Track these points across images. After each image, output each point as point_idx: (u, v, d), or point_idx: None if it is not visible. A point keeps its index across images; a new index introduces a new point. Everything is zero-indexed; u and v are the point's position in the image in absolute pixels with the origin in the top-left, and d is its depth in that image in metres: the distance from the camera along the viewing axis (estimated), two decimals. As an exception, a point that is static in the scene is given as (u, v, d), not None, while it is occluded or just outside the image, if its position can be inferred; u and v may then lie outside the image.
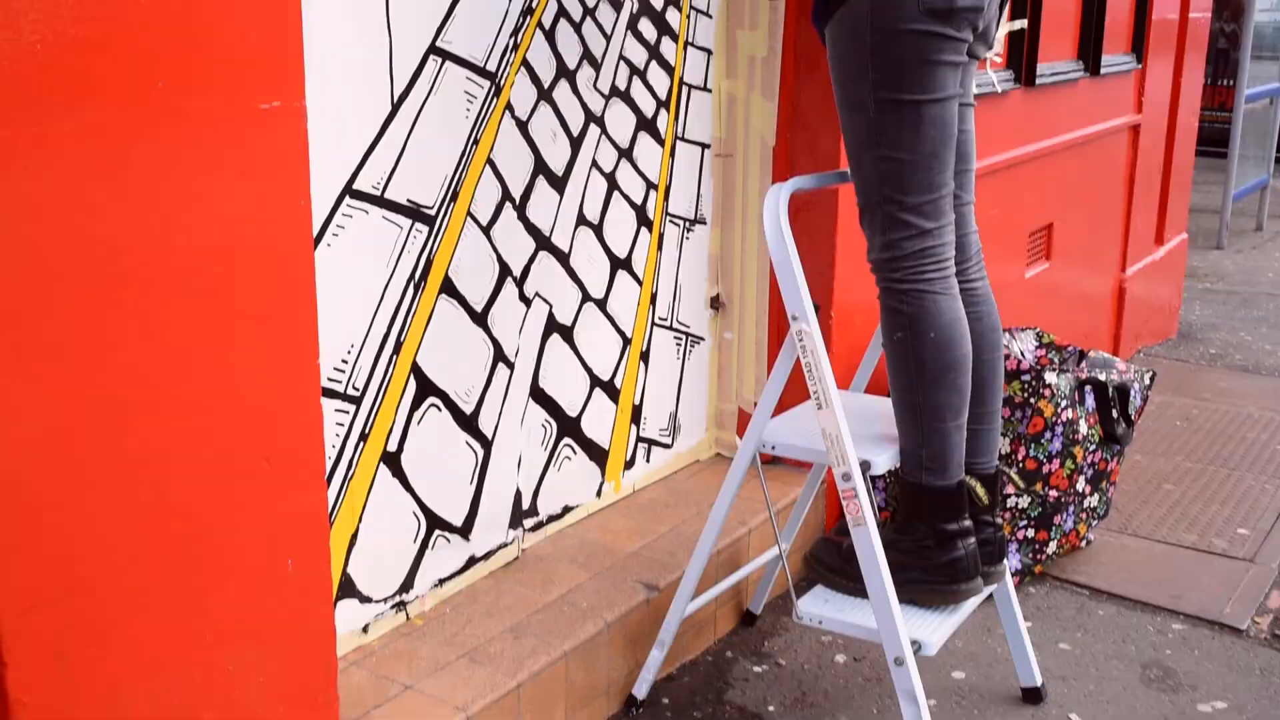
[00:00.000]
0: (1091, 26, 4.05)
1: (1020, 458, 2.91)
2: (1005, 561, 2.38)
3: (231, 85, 1.59)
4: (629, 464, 2.91)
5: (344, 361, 2.14)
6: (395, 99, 2.15)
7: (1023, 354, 3.12)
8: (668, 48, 2.77)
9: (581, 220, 2.62)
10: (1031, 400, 2.89)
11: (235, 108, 1.61)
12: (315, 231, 2.01)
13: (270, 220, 1.70)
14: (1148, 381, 3.22)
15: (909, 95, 2.10)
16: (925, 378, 2.20)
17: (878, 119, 2.13)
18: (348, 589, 2.21)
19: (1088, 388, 3.03)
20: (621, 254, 2.75)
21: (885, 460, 2.21)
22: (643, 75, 2.71)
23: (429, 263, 2.27)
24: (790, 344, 2.19)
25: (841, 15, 2.12)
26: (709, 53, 2.90)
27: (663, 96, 2.78)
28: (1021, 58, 3.60)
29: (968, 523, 2.26)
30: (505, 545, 2.56)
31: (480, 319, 2.41)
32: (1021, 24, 3.57)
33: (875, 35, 2.09)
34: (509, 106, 2.39)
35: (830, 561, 2.36)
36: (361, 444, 2.20)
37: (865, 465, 2.17)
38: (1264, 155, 8.77)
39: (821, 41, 2.23)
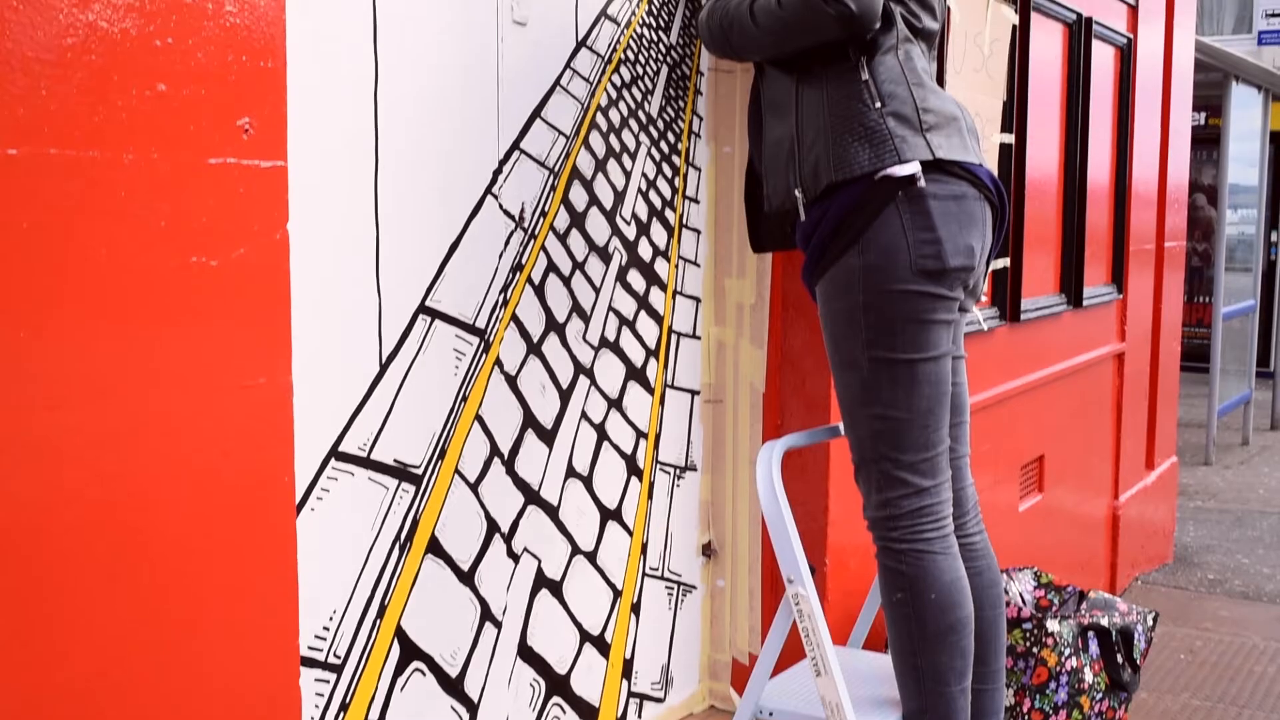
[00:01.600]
0: (1072, 261, 4.11)
1: (1025, 710, 2.81)
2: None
3: (218, 365, 1.57)
4: (620, 720, 2.80)
5: (325, 629, 2.06)
6: (383, 360, 2.14)
7: (1022, 597, 3.05)
8: (656, 297, 2.78)
9: (571, 472, 2.58)
10: (1034, 649, 2.81)
11: (220, 386, 1.59)
12: (299, 497, 1.97)
13: (252, 492, 1.67)
14: (1151, 623, 3.14)
15: (903, 354, 2.10)
16: (927, 640, 2.13)
17: (871, 377, 2.12)
18: None
19: (1091, 633, 2.95)
20: (611, 505, 2.70)
21: (889, 729, 2.12)
22: (632, 325, 2.71)
23: (415, 523, 2.22)
24: (786, 606, 2.12)
25: (833, 274, 2.13)
26: (698, 301, 2.92)
27: (652, 345, 2.78)
28: (1006, 295, 3.64)
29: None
30: (491, 816, 2.43)
31: (467, 578, 2.34)
32: (1004, 263, 3.62)
33: (868, 295, 2.09)
34: (498, 362, 2.37)
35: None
36: (342, 715, 2.10)
37: (868, 736, 2.08)
38: (1244, 369, 8.86)
39: (812, 298, 2.24)
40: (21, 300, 1.43)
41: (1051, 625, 2.83)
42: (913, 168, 2.08)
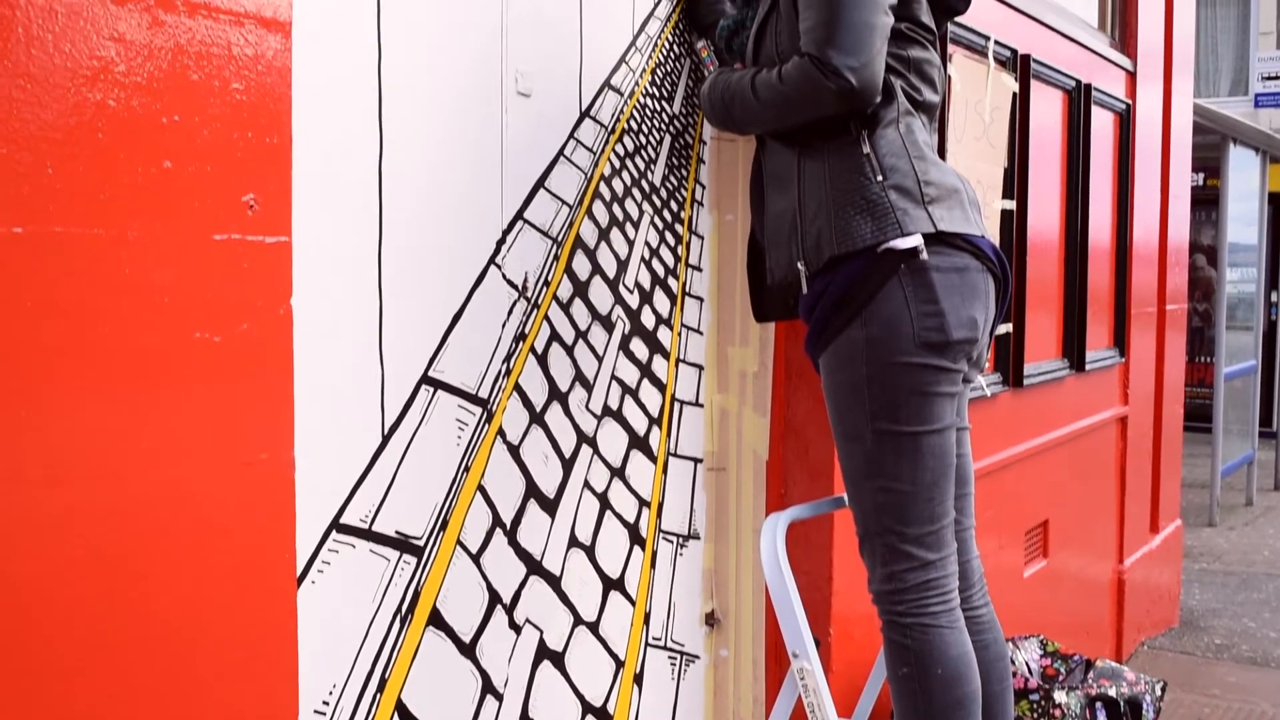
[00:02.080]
0: (1074, 325, 4.11)
1: (1034, 783, 2.78)
2: None
3: (220, 442, 1.57)
4: (622, 794, 2.76)
5: (325, 703, 2.03)
6: (386, 430, 2.13)
7: (1028, 666, 3.02)
8: (659, 365, 2.78)
9: (574, 542, 2.56)
10: (1042, 721, 2.78)
11: (222, 462, 1.58)
12: (300, 570, 1.95)
13: (253, 568, 1.66)
14: (1159, 692, 3.11)
15: (907, 427, 2.09)
16: (934, 715, 2.11)
17: (875, 450, 2.11)
18: None
19: (1099, 704, 2.92)
20: (614, 574, 2.68)
21: (896, 808, 2.09)
22: (634, 394, 2.71)
23: (416, 595, 2.20)
24: (791, 680, 2.10)
25: (836, 347, 2.13)
26: (700, 368, 2.92)
27: (655, 413, 2.77)
28: (1009, 360, 3.64)
29: None
30: None
31: (468, 650, 2.31)
32: (1006, 328, 3.62)
33: (871, 367, 2.09)
34: (501, 432, 2.36)
35: None
36: (340, 791, 2.07)
37: (875, 815, 2.04)
38: (1246, 429, 8.85)
39: (816, 369, 2.24)
40: (22, 377, 1.43)
41: (1059, 696, 2.80)
42: (915, 240, 2.08)
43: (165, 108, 1.55)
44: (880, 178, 2.11)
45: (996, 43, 3.44)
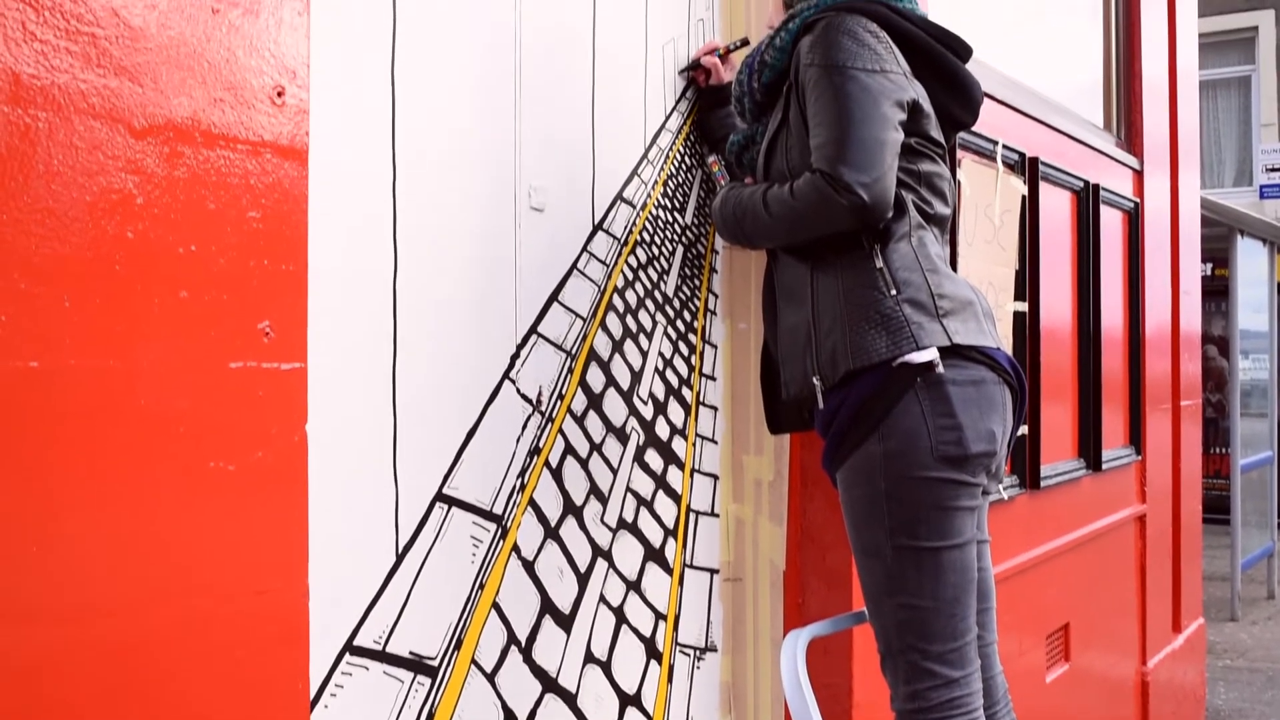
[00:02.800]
0: (1090, 425, 4.09)
1: None
2: None
3: (233, 573, 1.55)
4: None
5: (336, 832, 1.99)
6: (400, 550, 2.11)
7: (1055, 779, 2.96)
8: (674, 476, 2.76)
9: (589, 658, 2.52)
10: (1071, 838, 2.71)
11: (234, 593, 1.56)
12: (312, 694, 1.92)
13: (265, 697, 1.63)
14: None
15: (927, 543, 2.07)
16: (960, 837, 2.06)
17: (895, 566, 2.09)
18: None
19: (1128, 819, 2.84)
20: (630, 690, 2.64)
21: None
22: (650, 505, 2.69)
23: (430, 717, 2.16)
24: (814, 803, 2.05)
25: (854, 462, 2.12)
26: (715, 478, 2.90)
27: (670, 525, 2.75)
28: (1025, 462, 3.61)
29: None
30: None
31: (483, 772, 2.27)
32: (1022, 430, 3.60)
33: (889, 482, 2.07)
34: (515, 548, 2.34)
35: None
36: None
37: None
38: (1265, 521, 8.76)
39: (833, 484, 2.22)
40: (34, 509, 1.42)
41: (1087, 812, 2.73)
42: (930, 354, 2.07)
43: (182, 238, 1.55)
44: (894, 292, 2.11)
45: (1005, 147, 3.46)
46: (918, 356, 2.07)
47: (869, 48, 2.12)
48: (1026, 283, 3.63)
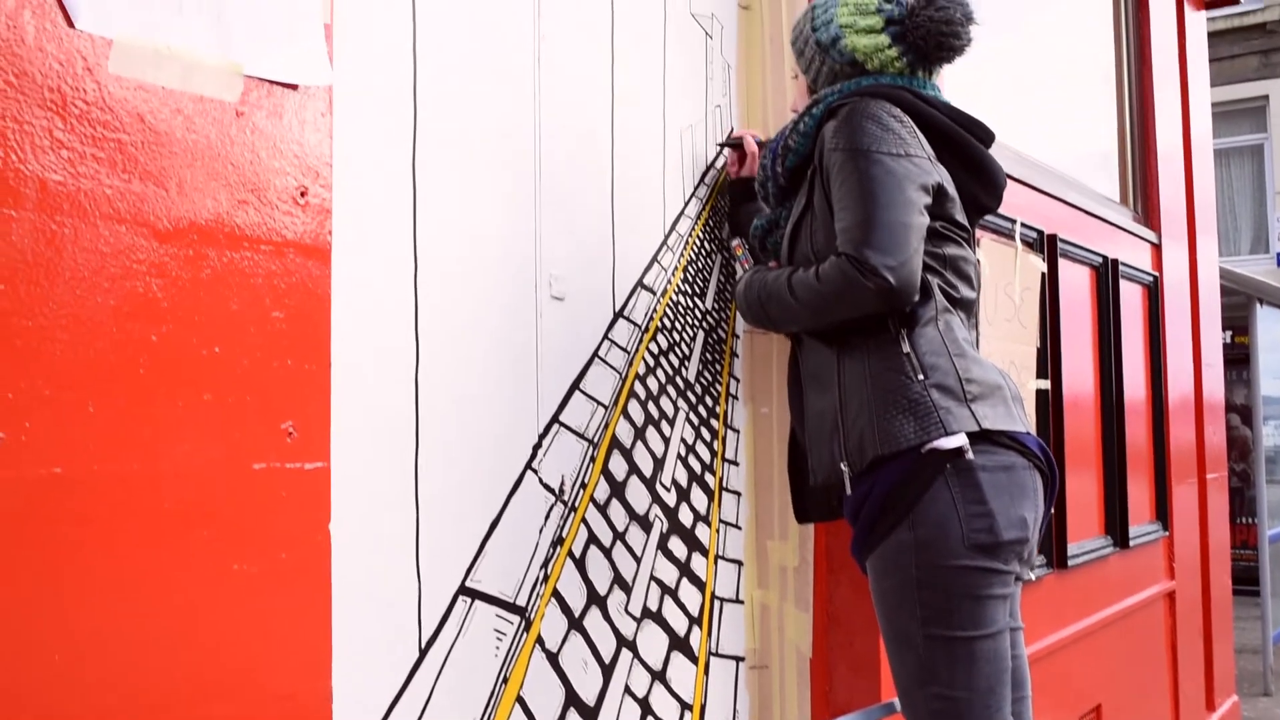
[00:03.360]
0: (1116, 501, 4.05)
1: None
2: None
3: (256, 678, 1.52)
4: None
5: None
6: (423, 645, 2.08)
7: None
8: (698, 563, 2.73)
9: (615, 752, 2.48)
10: None
11: (257, 699, 1.53)
12: (335, 797, 1.88)
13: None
14: None
15: (960, 632, 2.03)
16: None
17: (927, 656, 2.05)
18: None
19: None
20: (657, 784, 2.59)
21: None
22: (674, 593, 2.65)
23: (455, 817, 2.11)
24: None
25: (883, 550, 2.08)
26: (740, 564, 2.86)
27: (695, 613, 2.71)
28: (1052, 542, 3.57)
29: None
30: None
31: None
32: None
33: (920, 571, 2.04)
34: (539, 640, 2.31)
35: None
36: None
37: None
38: (1296, 591, 8.63)
39: (862, 572, 2.19)
40: (56, 617, 1.40)
41: None
42: (960, 440, 2.05)
43: (206, 340, 1.55)
44: (921, 376, 2.09)
45: (1023, 225, 3.46)
46: (947, 442, 2.05)
47: (893, 132, 2.12)
48: (1048, 360, 3.61)
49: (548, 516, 2.34)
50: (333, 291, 1.75)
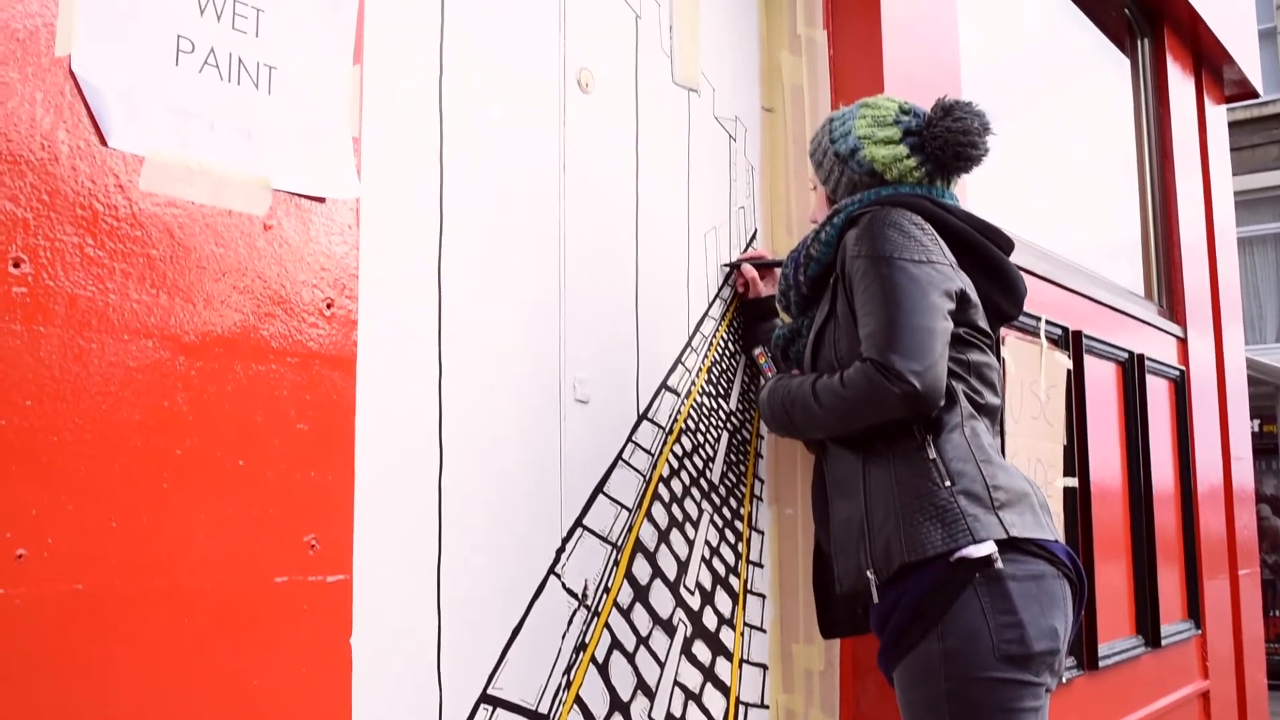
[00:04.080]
0: (1146, 599, 3.98)
1: None
2: None
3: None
4: None
5: None
6: (443, 756, 2.04)
7: None
8: (723, 668, 2.69)
9: None
10: None
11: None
12: None
13: None
14: None
15: (994, 740, 1.98)
16: None
17: (958, 773, 2.00)
18: None
19: None
20: None
21: None
22: (698, 699, 2.61)
23: None
24: None
25: (911, 661, 2.05)
26: (764, 668, 2.82)
27: (719, 718, 2.66)
28: (1081, 643, 3.51)
29: None
30: None
31: None
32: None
33: (950, 683, 2.00)
34: (561, 749, 2.27)
35: None
36: None
37: None
38: (1331, 688, 8.45)
39: (889, 683, 2.15)
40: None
41: None
42: (988, 548, 2.02)
43: (230, 453, 1.54)
44: (948, 483, 2.07)
45: (1048, 322, 3.45)
46: (975, 550, 2.02)
47: (915, 239, 2.13)
48: (1075, 458, 3.58)
49: (570, 622, 2.31)
50: (357, 401, 1.75)
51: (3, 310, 1.35)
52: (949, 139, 2.22)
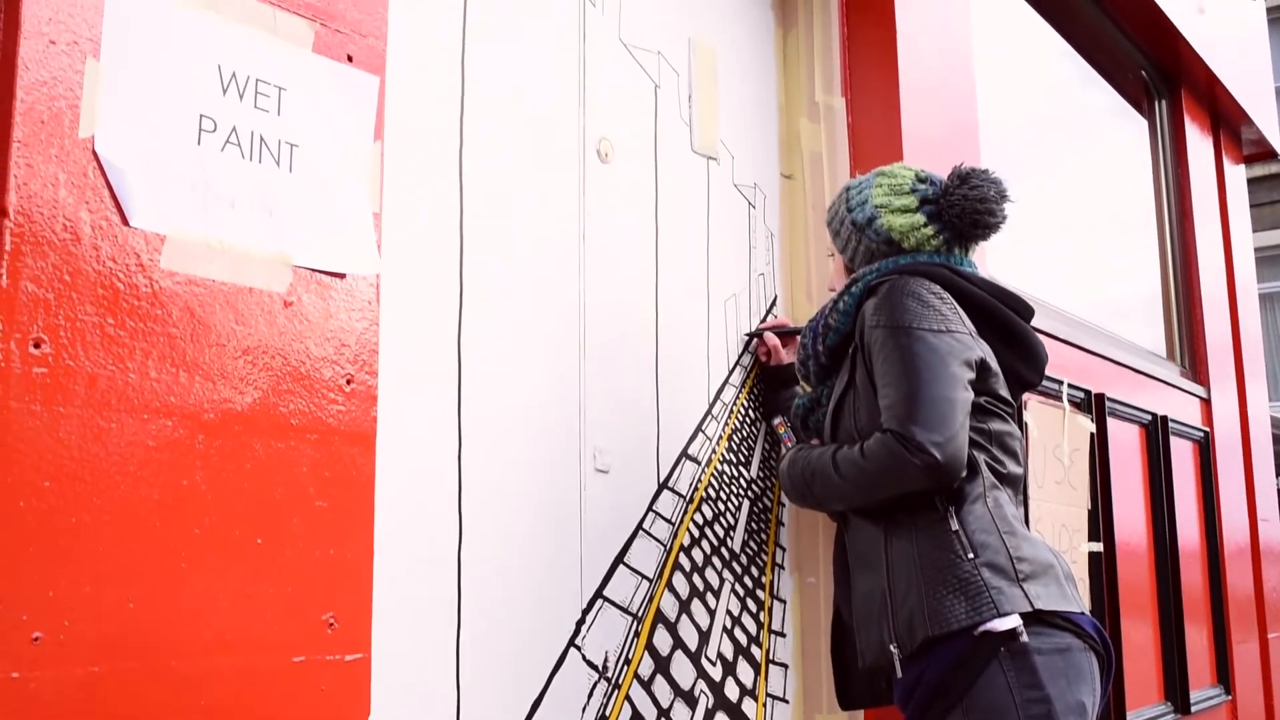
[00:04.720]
0: (1174, 665, 3.92)
1: None
2: None
3: None
4: None
5: None
6: (462, 834, 2.01)
7: None
8: (745, 739, 2.65)
9: None
10: None
11: None
12: None
13: None
14: None
15: None
16: None
17: None
18: None
19: None
20: None
21: None
22: (720, 772, 2.57)
23: None
24: None
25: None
26: (787, 739, 2.78)
27: (742, 792, 2.63)
28: (1109, 710, 3.45)
29: None
30: None
31: None
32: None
33: None
34: (581, 825, 2.23)
35: None
36: None
37: None
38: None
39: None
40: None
41: None
42: (1013, 621, 1.99)
43: (249, 531, 1.54)
44: (971, 555, 2.04)
45: (1070, 385, 3.43)
46: (1000, 624, 1.99)
47: (934, 308, 2.12)
48: (1100, 522, 3.54)
49: (591, 694, 2.28)
50: (377, 476, 1.74)
51: (23, 391, 1.35)
52: (966, 207, 2.22)
